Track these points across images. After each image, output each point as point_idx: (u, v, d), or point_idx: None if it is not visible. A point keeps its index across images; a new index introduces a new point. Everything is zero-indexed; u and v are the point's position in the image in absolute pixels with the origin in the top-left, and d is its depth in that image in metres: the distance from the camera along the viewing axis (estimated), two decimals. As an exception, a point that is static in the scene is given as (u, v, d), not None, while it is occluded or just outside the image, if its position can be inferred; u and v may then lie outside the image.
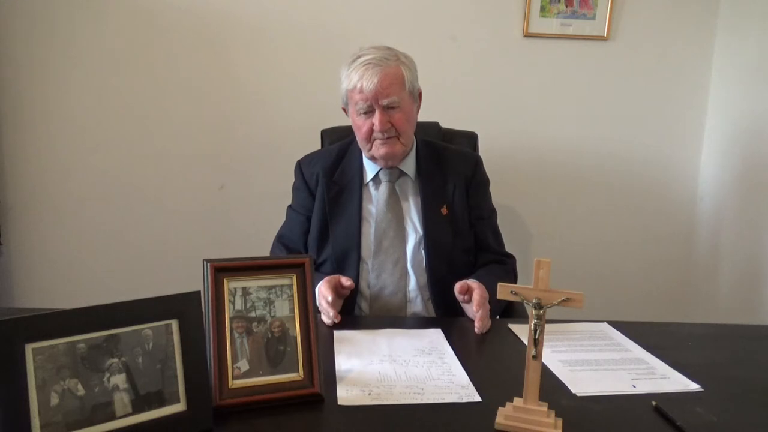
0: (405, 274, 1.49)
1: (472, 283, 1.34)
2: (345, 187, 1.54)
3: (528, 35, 2.28)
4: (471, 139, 1.90)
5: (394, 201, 1.52)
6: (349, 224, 1.50)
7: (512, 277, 1.56)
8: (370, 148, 1.48)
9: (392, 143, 1.46)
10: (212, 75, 2.28)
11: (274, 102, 2.30)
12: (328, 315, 1.29)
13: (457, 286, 1.34)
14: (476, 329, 1.28)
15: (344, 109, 1.55)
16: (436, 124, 1.87)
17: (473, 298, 1.31)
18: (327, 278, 1.35)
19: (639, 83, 2.34)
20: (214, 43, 2.26)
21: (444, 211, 1.52)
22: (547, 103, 2.35)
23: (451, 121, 1.91)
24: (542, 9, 2.26)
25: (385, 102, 1.41)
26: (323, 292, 1.30)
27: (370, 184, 1.55)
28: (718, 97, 2.32)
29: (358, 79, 1.41)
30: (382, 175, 1.54)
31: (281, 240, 1.60)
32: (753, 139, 2.12)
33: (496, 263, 1.57)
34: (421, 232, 1.50)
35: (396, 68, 1.44)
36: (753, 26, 2.13)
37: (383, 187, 1.53)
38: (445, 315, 1.47)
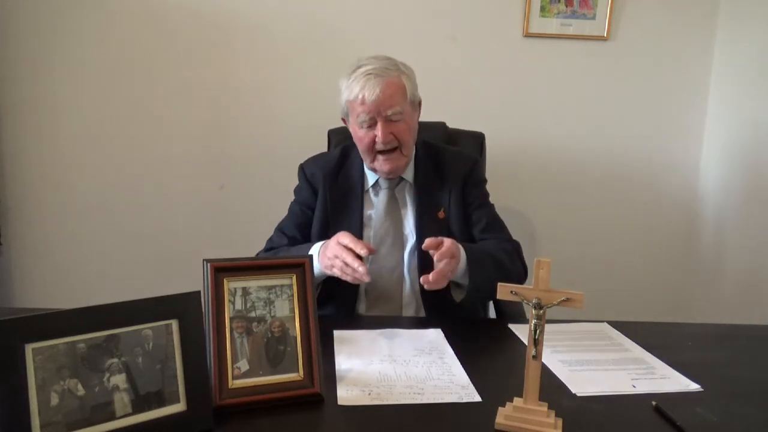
0: (401, 280, 1.49)
1: (445, 239, 1.28)
2: (347, 192, 1.54)
3: (528, 35, 2.28)
4: (478, 138, 1.87)
5: (392, 208, 1.52)
6: (351, 229, 1.47)
7: (515, 257, 1.51)
8: (373, 160, 1.48)
9: (395, 158, 1.46)
10: (213, 74, 2.28)
11: (274, 102, 2.30)
12: (354, 270, 1.25)
13: (428, 241, 1.25)
14: (429, 279, 1.21)
15: (344, 120, 1.54)
16: (443, 125, 1.86)
17: (441, 250, 1.24)
18: (343, 233, 1.30)
19: (639, 83, 2.34)
20: (216, 42, 2.26)
21: (441, 215, 1.52)
22: (547, 104, 2.35)
23: (450, 121, 1.90)
24: (542, 9, 2.26)
25: (388, 113, 1.40)
26: (344, 240, 1.27)
27: (371, 190, 1.56)
28: (718, 97, 2.32)
29: (359, 90, 1.38)
30: (381, 182, 1.55)
31: (282, 230, 1.58)
32: (753, 139, 2.12)
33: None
34: (415, 238, 1.49)
35: (397, 78, 1.42)
36: (753, 26, 2.13)
37: (383, 194, 1.54)
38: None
